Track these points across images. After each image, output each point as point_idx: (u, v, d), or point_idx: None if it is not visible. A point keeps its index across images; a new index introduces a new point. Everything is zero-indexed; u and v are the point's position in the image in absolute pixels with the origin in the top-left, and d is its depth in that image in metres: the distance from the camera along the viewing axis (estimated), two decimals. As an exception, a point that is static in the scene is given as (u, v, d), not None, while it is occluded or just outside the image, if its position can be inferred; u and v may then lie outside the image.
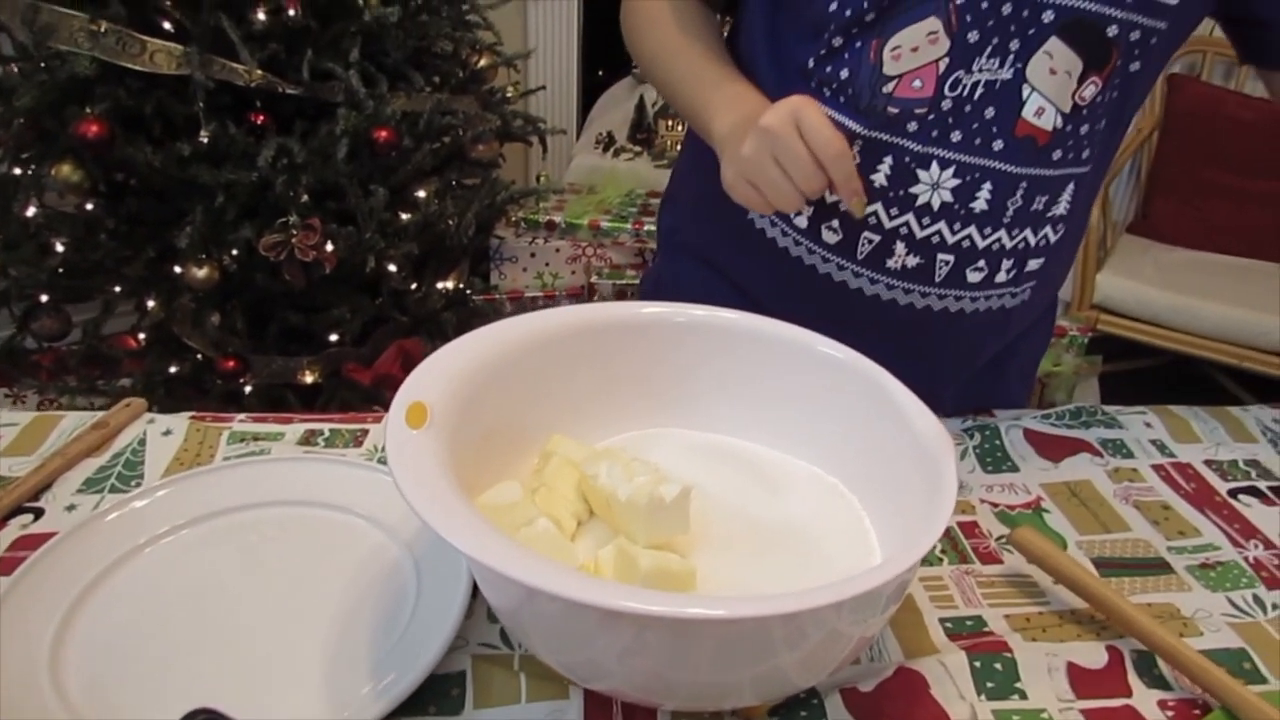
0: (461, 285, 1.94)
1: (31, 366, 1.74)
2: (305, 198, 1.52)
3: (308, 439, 0.77)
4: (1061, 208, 0.75)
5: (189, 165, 1.51)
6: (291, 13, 1.53)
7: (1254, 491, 0.77)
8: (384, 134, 1.59)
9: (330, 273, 1.58)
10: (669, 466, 0.62)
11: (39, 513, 0.67)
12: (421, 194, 1.74)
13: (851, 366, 0.63)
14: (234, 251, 1.57)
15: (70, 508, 0.68)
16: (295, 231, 1.50)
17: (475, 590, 0.60)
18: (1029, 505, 0.74)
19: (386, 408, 1.85)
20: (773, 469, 0.65)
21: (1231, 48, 0.77)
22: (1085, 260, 2.44)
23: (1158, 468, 0.79)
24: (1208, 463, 0.80)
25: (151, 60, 1.49)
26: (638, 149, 2.70)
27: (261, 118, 1.61)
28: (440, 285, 1.89)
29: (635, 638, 0.44)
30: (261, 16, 1.53)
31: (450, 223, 1.79)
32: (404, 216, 1.67)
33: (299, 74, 1.57)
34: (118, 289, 1.70)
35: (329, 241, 1.55)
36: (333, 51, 1.61)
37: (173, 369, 1.75)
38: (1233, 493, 0.76)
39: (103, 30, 1.45)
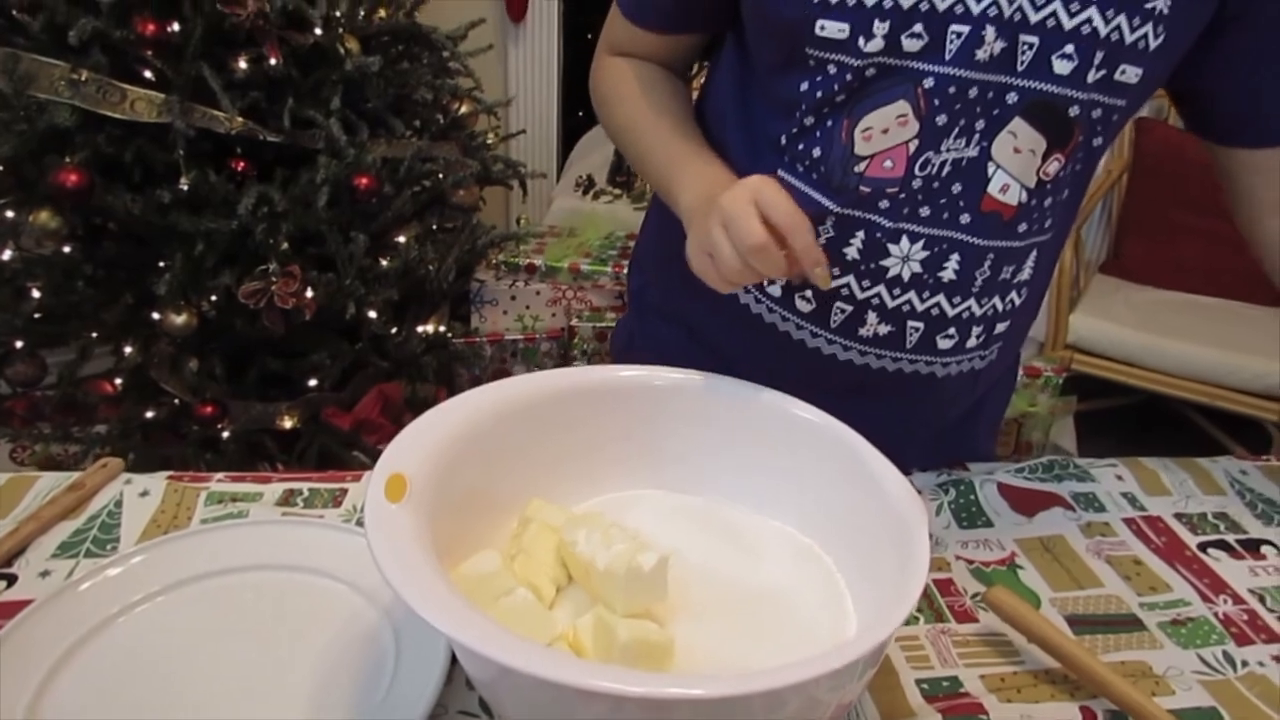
0: (442, 329, 1.94)
1: (4, 413, 1.72)
2: (285, 245, 1.52)
3: (286, 499, 0.77)
4: (1026, 274, 0.77)
5: (169, 212, 1.51)
6: (273, 61, 1.54)
7: (1223, 545, 0.78)
8: (365, 181, 1.60)
9: (310, 319, 1.58)
10: (647, 531, 0.62)
11: (12, 579, 0.67)
12: (402, 239, 1.75)
13: (827, 431, 0.64)
14: (213, 298, 1.57)
15: (44, 574, 0.67)
16: (275, 279, 1.50)
17: (454, 656, 0.60)
18: (1003, 561, 0.75)
19: (366, 453, 1.81)
20: (750, 532, 0.66)
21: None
22: (1058, 300, 2.48)
23: (1129, 521, 0.80)
24: (1178, 516, 0.81)
25: (132, 108, 1.50)
26: (617, 191, 2.72)
27: (242, 164, 1.62)
28: (420, 329, 1.89)
29: (612, 714, 0.45)
30: (243, 65, 1.54)
31: (430, 267, 1.80)
32: (384, 263, 1.67)
33: (280, 121, 1.58)
34: (94, 334, 1.69)
35: (309, 288, 1.55)
36: (314, 99, 1.62)
37: (149, 414, 1.74)
38: (1202, 546, 0.78)
39: (83, 79, 1.45)
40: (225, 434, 1.73)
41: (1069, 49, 0.65)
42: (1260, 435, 2.45)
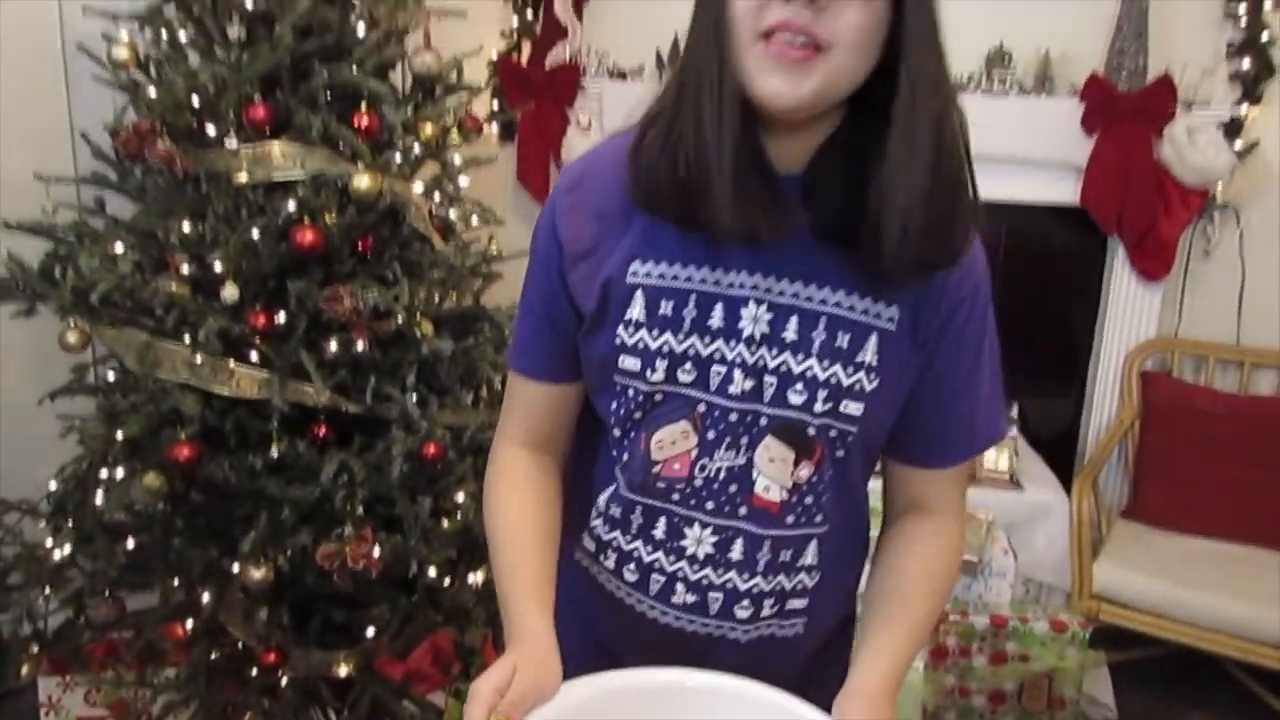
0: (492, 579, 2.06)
1: (85, 655, 1.84)
2: (360, 510, 1.69)
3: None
4: (809, 559, 0.93)
5: (258, 478, 1.69)
6: (360, 346, 1.76)
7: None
8: (433, 449, 1.78)
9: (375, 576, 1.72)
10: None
11: None
12: (461, 498, 1.91)
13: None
14: (288, 553, 1.72)
15: None
16: (349, 542, 1.66)
17: None
18: None
19: (416, 703, 1.91)
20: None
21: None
22: (1080, 551, 2.53)
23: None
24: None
25: (238, 386, 1.71)
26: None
27: (324, 429, 1.81)
28: (472, 579, 2.02)
29: None
30: (334, 347, 1.76)
31: (486, 524, 1.95)
32: (445, 524, 1.82)
33: (362, 395, 1.78)
34: (175, 581, 1.84)
35: (376, 547, 1.70)
36: (391, 377, 1.83)
37: (213, 655, 1.85)
38: None
39: (200, 362, 1.68)
40: (284, 680, 1.83)
41: (799, 386, 0.85)
42: (1301, 691, 2.42)
